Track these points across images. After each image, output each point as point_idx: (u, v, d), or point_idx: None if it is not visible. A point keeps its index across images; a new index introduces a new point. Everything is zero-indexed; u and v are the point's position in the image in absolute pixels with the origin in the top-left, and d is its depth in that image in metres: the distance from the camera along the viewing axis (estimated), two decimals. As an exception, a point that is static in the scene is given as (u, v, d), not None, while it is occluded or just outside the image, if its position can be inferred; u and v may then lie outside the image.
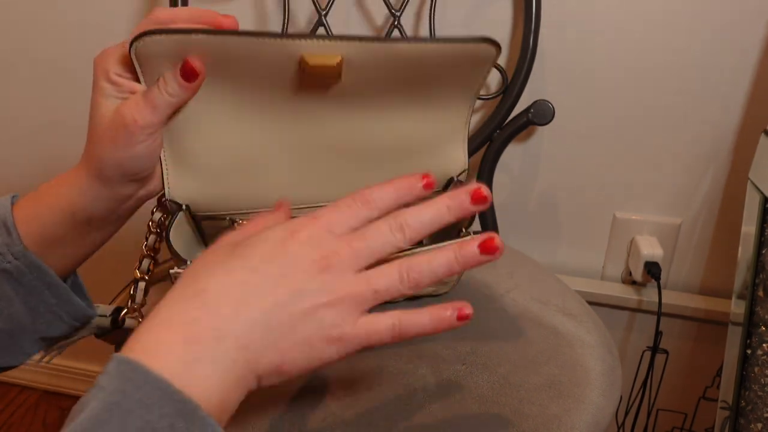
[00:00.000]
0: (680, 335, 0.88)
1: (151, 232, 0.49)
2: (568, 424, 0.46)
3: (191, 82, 0.41)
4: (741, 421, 0.72)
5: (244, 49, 0.41)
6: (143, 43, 0.39)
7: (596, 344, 0.55)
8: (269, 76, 0.44)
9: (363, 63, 0.43)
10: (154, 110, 0.41)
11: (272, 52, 0.42)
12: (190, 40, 0.40)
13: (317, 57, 0.42)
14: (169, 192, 0.47)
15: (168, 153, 0.45)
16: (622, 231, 0.86)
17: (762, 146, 0.70)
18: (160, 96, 0.41)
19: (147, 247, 0.49)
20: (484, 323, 0.56)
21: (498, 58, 0.47)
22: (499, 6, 0.77)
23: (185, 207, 0.48)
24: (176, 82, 0.41)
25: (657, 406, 0.94)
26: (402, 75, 0.46)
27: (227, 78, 0.43)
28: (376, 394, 0.48)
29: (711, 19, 0.73)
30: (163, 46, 0.40)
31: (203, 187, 0.48)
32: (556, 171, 0.85)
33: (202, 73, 0.41)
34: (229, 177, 0.48)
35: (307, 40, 0.41)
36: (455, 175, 0.55)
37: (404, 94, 0.48)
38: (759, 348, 0.69)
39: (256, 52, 0.42)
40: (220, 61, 0.42)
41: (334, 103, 0.47)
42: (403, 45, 0.43)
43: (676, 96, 0.78)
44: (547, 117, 0.75)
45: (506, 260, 0.68)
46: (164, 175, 0.46)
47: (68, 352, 1.18)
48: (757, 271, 0.69)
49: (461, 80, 0.48)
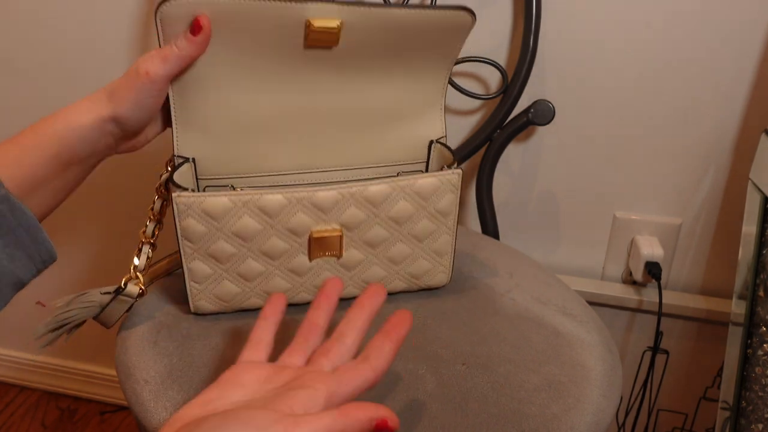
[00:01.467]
0: (681, 335, 0.88)
1: (158, 196, 0.53)
2: (568, 424, 0.46)
3: (197, 35, 0.46)
4: (742, 422, 0.72)
5: (253, 12, 0.47)
6: (168, 6, 0.45)
7: (596, 344, 0.55)
8: (275, 40, 0.49)
9: (360, 27, 0.50)
10: (164, 62, 0.46)
11: (279, 16, 0.48)
12: (207, 3, 0.46)
13: (321, 20, 0.48)
14: (177, 148, 0.51)
15: (178, 112, 0.50)
16: (622, 231, 0.86)
17: (762, 146, 0.70)
18: (170, 50, 0.46)
19: (153, 211, 0.53)
20: (484, 323, 0.56)
21: (473, 26, 0.53)
22: (499, 6, 0.77)
23: (192, 159, 0.52)
24: (185, 36, 0.46)
25: (657, 407, 0.94)
26: (392, 40, 0.52)
27: (236, 42, 0.49)
28: (376, 394, 0.47)
29: (711, 19, 0.73)
30: (183, 8, 0.46)
31: (208, 145, 0.52)
32: (556, 171, 0.85)
33: (207, 28, 0.46)
34: (233, 137, 0.53)
35: (311, 3, 0.48)
36: (435, 138, 0.59)
37: (392, 60, 0.54)
38: (760, 348, 0.69)
39: (264, 15, 0.47)
40: (231, 23, 0.47)
41: (331, 69, 0.52)
42: (397, 11, 0.50)
43: (676, 96, 0.77)
44: (547, 117, 0.75)
45: (506, 260, 0.68)
46: (174, 132, 0.51)
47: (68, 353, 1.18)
48: (757, 271, 0.69)
49: (441, 46, 0.54)
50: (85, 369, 1.18)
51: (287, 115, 0.54)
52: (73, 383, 1.19)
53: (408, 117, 0.58)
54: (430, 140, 0.59)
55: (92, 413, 1.17)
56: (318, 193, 0.51)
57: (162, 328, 0.54)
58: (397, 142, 0.58)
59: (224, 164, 0.54)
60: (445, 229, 0.56)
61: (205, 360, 0.50)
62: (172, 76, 0.48)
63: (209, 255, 0.51)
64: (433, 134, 0.59)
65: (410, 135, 0.59)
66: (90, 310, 0.50)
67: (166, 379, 0.48)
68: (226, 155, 0.53)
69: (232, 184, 0.54)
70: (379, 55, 0.53)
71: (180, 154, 0.52)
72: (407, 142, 0.59)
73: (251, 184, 0.55)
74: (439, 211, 0.55)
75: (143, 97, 0.47)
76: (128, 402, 0.48)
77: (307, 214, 0.51)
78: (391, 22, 0.51)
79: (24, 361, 1.19)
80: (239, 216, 0.50)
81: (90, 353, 1.16)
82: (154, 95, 0.48)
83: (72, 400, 1.20)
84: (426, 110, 0.58)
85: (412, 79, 0.56)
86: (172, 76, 0.48)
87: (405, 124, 0.58)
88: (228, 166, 0.54)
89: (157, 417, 0.46)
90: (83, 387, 1.19)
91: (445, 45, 0.54)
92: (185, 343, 0.52)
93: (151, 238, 0.53)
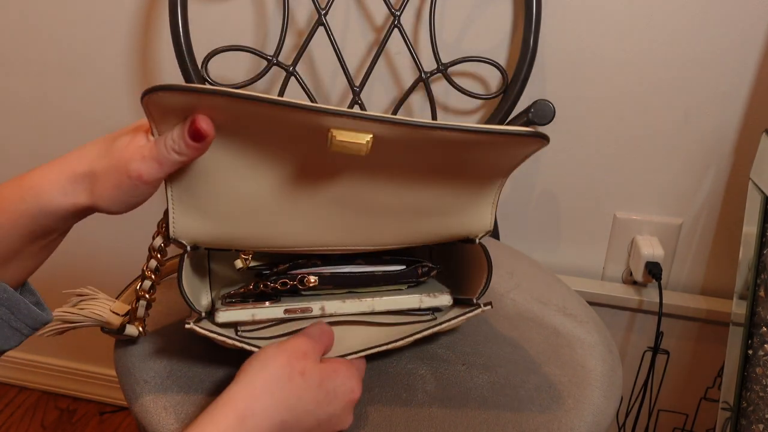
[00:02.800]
0: (681, 336, 0.88)
1: (151, 257, 0.48)
2: (568, 425, 0.46)
3: (199, 142, 0.39)
4: (742, 422, 0.71)
5: (264, 116, 0.39)
6: (156, 97, 0.37)
7: (597, 344, 0.55)
8: (290, 142, 0.41)
9: (394, 142, 0.40)
10: (160, 167, 0.40)
11: (296, 122, 0.39)
12: (205, 100, 0.38)
13: (347, 134, 0.38)
14: (173, 232, 0.45)
15: (175, 194, 0.43)
16: (622, 231, 0.86)
17: (763, 146, 0.70)
18: (166, 153, 0.40)
19: (148, 269, 0.48)
20: (484, 323, 0.56)
21: (544, 147, 0.44)
22: (499, 6, 0.77)
23: (188, 249, 0.46)
24: (183, 141, 0.39)
25: (658, 407, 0.94)
26: (437, 155, 0.43)
27: (243, 136, 0.41)
28: (376, 394, 0.47)
29: (712, 19, 0.73)
30: (175, 101, 0.38)
31: (208, 229, 0.45)
32: (556, 171, 0.84)
33: (210, 135, 0.39)
34: (237, 223, 0.46)
35: (337, 117, 0.38)
36: (477, 237, 0.51)
37: (435, 170, 0.45)
38: (760, 348, 0.69)
39: (278, 120, 0.39)
40: (237, 122, 0.39)
41: (357, 172, 0.44)
42: (442, 132, 0.39)
43: (676, 96, 0.77)
44: (547, 117, 0.75)
45: (506, 260, 0.68)
46: (170, 215, 0.44)
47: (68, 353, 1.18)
48: (758, 272, 0.69)
49: (500, 163, 0.45)
50: (84, 369, 1.17)
51: (303, 207, 0.45)
52: (73, 383, 1.19)
53: (447, 215, 0.49)
54: (474, 237, 0.50)
55: (92, 413, 1.17)
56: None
57: (162, 329, 0.54)
58: (433, 233, 0.50)
59: (226, 241, 0.47)
60: None
61: (205, 360, 0.50)
62: (165, 177, 0.41)
63: None
64: (476, 229, 0.50)
65: (452, 228, 0.50)
66: (97, 323, 0.50)
67: (166, 379, 0.48)
68: (228, 235, 0.46)
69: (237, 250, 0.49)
70: (418, 167, 0.44)
71: (176, 237, 0.45)
72: (446, 234, 0.50)
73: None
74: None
75: (130, 196, 0.41)
76: (128, 402, 0.48)
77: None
78: (434, 140, 0.41)
79: (23, 362, 1.19)
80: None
81: (90, 353, 1.16)
82: (144, 195, 0.42)
83: (71, 401, 1.19)
84: (473, 209, 0.49)
85: (460, 188, 0.47)
86: (166, 177, 0.41)
87: (443, 219, 0.49)
88: (230, 243, 0.47)
89: (157, 417, 0.45)
90: (83, 387, 1.19)
91: (505, 162, 0.45)
92: (185, 343, 0.52)
93: (148, 293, 0.49)
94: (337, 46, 0.75)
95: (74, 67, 0.90)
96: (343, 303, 0.49)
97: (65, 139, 0.96)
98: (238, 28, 0.83)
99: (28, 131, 0.96)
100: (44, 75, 0.92)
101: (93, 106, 0.93)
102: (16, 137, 0.97)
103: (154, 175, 0.40)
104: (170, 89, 0.37)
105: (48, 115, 0.95)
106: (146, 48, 0.87)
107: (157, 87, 0.37)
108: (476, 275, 0.51)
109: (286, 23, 0.74)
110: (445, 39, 0.79)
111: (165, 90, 0.37)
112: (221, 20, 0.83)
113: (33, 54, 0.91)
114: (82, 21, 0.87)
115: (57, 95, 0.93)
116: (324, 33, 0.75)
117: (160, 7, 0.84)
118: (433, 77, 0.76)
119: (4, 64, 0.92)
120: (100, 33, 0.87)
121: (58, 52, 0.90)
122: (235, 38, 0.84)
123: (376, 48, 0.77)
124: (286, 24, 0.74)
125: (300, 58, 0.76)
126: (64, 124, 0.95)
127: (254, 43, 0.84)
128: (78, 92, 0.92)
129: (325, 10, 0.74)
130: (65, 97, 0.93)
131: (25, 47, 0.91)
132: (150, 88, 0.37)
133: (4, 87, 0.94)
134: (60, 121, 0.95)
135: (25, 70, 0.92)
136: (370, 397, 0.47)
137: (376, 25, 0.80)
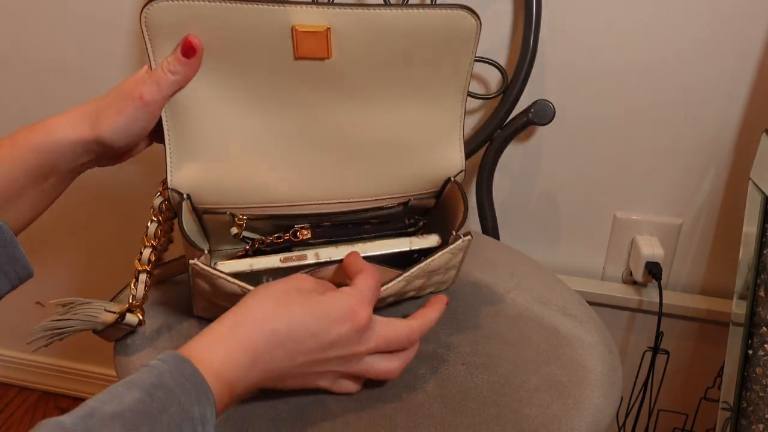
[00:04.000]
0: (681, 336, 0.88)
1: (152, 220, 0.50)
2: (568, 425, 0.46)
3: (190, 57, 0.44)
4: (742, 422, 0.71)
5: (239, 20, 0.44)
6: (152, 9, 0.43)
7: (597, 344, 0.55)
8: (266, 52, 0.46)
9: (351, 34, 0.46)
10: (159, 88, 0.44)
11: (265, 23, 0.45)
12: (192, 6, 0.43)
13: (307, 26, 0.45)
14: (171, 181, 0.48)
15: (172, 139, 0.48)
16: (622, 231, 0.86)
17: (763, 146, 0.70)
18: (163, 74, 0.44)
19: (148, 236, 0.50)
20: (484, 323, 0.56)
21: (479, 30, 0.49)
22: (499, 6, 0.77)
23: (186, 196, 0.49)
24: (177, 59, 0.44)
25: (658, 407, 0.94)
26: (390, 52, 0.48)
27: (227, 56, 0.46)
28: (376, 394, 0.47)
29: (711, 19, 0.73)
30: (168, 13, 0.43)
31: (204, 175, 0.49)
32: (556, 171, 0.84)
33: (199, 48, 0.44)
34: (230, 165, 0.49)
35: (295, 7, 0.45)
36: (452, 176, 0.54)
37: (394, 78, 0.49)
38: (760, 348, 0.69)
39: (250, 23, 0.45)
40: (219, 37, 0.45)
41: (328, 87, 0.49)
42: (386, 11, 0.46)
43: (676, 95, 0.77)
44: (547, 117, 0.75)
45: (506, 260, 0.68)
46: (168, 164, 0.48)
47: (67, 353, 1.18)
48: (758, 272, 0.69)
49: (447, 60, 0.49)
50: (84, 369, 1.18)
51: (285, 139, 0.50)
52: (73, 383, 1.19)
53: (421, 149, 0.53)
54: (447, 178, 0.54)
55: (92, 414, 1.17)
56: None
57: (162, 329, 0.54)
58: (408, 175, 0.53)
59: (222, 194, 0.50)
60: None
61: (205, 360, 0.50)
62: (166, 100, 0.46)
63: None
64: (450, 168, 0.54)
65: (424, 169, 0.54)
66: (91, 325, 0.50)
67: (166, 379, 0.48)
68: (223, 185, 0.50)
69: (231, 213, 0.52)
70: (378, 72, 0.49)
71: (174, 187, 0.49)
72: (420, 176, 0.54)
73: (251, 213, 0.52)
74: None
75: (133, 122, 0.45)
76: (127, 402, 0.48)
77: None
78: (384, 28, 0.47)
79: (23, 362, 1.19)
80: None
81: (90, 353, 1.16)
82: (146, 120, 0.45)
83: (71, 401, 1.19)
84: (441, 141, 0.53)
85: (421, 105, 0.51)
86: (166, 100, 0.46)
87: (417, 156, 0.53)
88: (226, 196, 0.50)
89: (157, 417, 0.45)
90: (82, 387, 1.19)
91: (451, 57, 0.49)
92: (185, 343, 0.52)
93: (147, 264, 0.50)
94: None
95: (74, 68, 0.90)
96: (336, 249, 0.52)
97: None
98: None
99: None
100: (44, 75, 0.92)
101: (93, 106, 0.93)
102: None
103: (154, 96, 0.44)
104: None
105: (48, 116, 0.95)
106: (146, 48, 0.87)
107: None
108: (456, 217, 0.54)
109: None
110: (445, 39, 0.79)
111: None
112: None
113: (33, 54, 0.91)
114: (83, 21, 0.87)
115: (57, 96, 0.93)
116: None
117: (160, 7, 0.84)
118: (433, 77, 0.76)
119: (4, 65, 0.92)
120: (100, 33, 0.87)
121: (58, 53, 0.90)
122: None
123: (376, 48, 0.77)
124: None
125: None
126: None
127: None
128: (78, 93, 0.92)
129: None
130: (65, 97, 0.93)
131: (26, 48, 0.91)
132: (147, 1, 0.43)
133: (5, 87, 0.94)
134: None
135: (25, 71, 0.92)
136: (369, 395, 0.47)
137: (376, 25, 0.80)
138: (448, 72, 0.50)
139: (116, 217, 1.00)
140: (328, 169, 0.52)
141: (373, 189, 0.53)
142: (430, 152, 0.53)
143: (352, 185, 0.53)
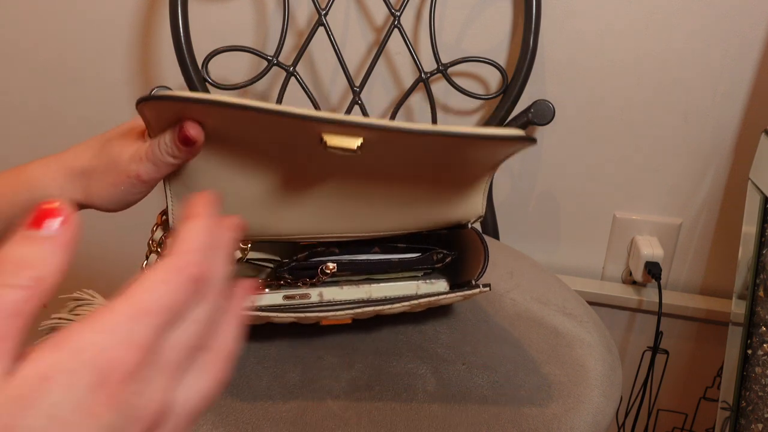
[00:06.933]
0: (681, 335, 0.88)
1: (151, 251, 0.48)
2: (568, 424, 0.46)
3: (188, 147, 0.40)
4: (742, 422, 0.72)
5: (256, 120, 0.40)
6: (149, 105, 0.39)
7: (596, 344, 0.55)
8: (284, 143, 0.42)
9: (385, 143, 0.41)
10: (156, 168, 0.41)
11: (288, 127, 0.40)
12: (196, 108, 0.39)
13: (338, 138, 0.39)
14: (173, 221, 0.46)
15: (173, 190, 0.45)
16: (622, 231, 0.86)
17: (762, 146, 0.70)
18: (160, 156, 0.41)
19: (147, 266, 0.48)
20: (484, 323, 0.56)
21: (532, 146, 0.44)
22: (499, 6, 0.77)
23: None
24: (175, 145, 0.40)
25: (657, 407, 0.94)
26: (428, 155, 0.44)
27: (237, 139, 0.42)
28: (376, 394, 0.47)
29: (711, 19, 0.73)
30: (168, 107, 0.39)
31: None
32: (556, 171, 0.85)
33: (199, 141, 0.40)
34: (237, 210, 0.47)
35: (327, 124, 0.39)
36: (470, 221, 0.52)
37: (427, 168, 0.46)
38: (760, 348, 0.69)
39: (270, 125, 0.40)
40: (230, 126, 0.40)
41: (351, 168, 0.45)
42: (430, 137, 0.40)
43: (676, 96, 0.77)
44: (547, 117, 0.75)
45: (506, 260, 0.68)
46: (169, 209, 0.46)
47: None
48: (757, 272, 0.69)
49: (488, 160, 0.47)
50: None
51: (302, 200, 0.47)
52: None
53: (445, 205, 0.50)
54: (466, 222, 0.52)
55: (92, 413, 1.17)
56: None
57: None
58: (427, 218, 0.51)
59: None
60: None
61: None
62: (164, 176, 0.43)
63: None
64: (471, 214, 0.52)
65: (446, 215, 0.51)
66: None
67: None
68: None
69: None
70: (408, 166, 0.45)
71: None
72: (440, 219, 0.51)
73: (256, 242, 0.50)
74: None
75: (130, 195, 0.42)
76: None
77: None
78: (423, 142, 0.42)
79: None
80: None
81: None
82: (142, 192, 0.43)
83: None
84: (466, 198, 0.51)
85: (452, 184, 0.49)
86: (164, 175, 0.42)
87: (441, 208, 0.50)
88: None
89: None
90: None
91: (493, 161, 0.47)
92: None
93: None
94: (337, 46, 0.75)
95: (74, 68, 0.91)
96: (340, 290, 0.50)
97: (66, 140, 0.96)
98: (238, 28, 0.83)
99: (28, 132, 0.96)
100: (45, 76, 0.92)
101: (93, 107, 0.93)
102: (16, 138, 0.97)
103: (152, 176, 0.41)
104: (162, 99, 0.38)
105: (48, 116, 0.95)
106: (147, 48, 0.87)
107: (150, 96, 0.38)
108: (474, 259, 0.52)
109: (286, 23, 0.74)
110: (445, 39, 0.79)
111: (157, 100, 0.38)
112: (221, 21, 0.83)
113: (33, 55, 0.91)
114: (83, 22, 0.87)
115: (57, 96, 0.93)
116: (324, 33, 0.75)
117: (161, 7, 0.84)
118: (433, 77, 0.76)
119: (5, 65, 0.92)
120: (101, 34, 0.87)
121: (58, 53, 0.90)
122: (235, 39, 0.84)
123: (376, 48, 0.77)
124: (287, 24, 0.75)
125: (300, 58, 0.76)
126: (65, 124, 0.95)
127: (254, 43, 0.84)
128: (78, 93, 0.92)
129: (325, 10, 0.74)
130: (65, 97, 0.93)
131: (26, 48, 0.91)
132: (143, 97, 0.38)
133: (5, 87, 0.94)
134: (60, 121, 0.95)
135: (26, 71, 0.92)
136: (370, 396, 0.47)
137: (376, 25, 0.80)
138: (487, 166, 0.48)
139: (116, 217, 1.00)
140: (343, 213, 0.49)
141: (385, 226, 0.51)
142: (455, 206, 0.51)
143: (365, 224, 0.50)
